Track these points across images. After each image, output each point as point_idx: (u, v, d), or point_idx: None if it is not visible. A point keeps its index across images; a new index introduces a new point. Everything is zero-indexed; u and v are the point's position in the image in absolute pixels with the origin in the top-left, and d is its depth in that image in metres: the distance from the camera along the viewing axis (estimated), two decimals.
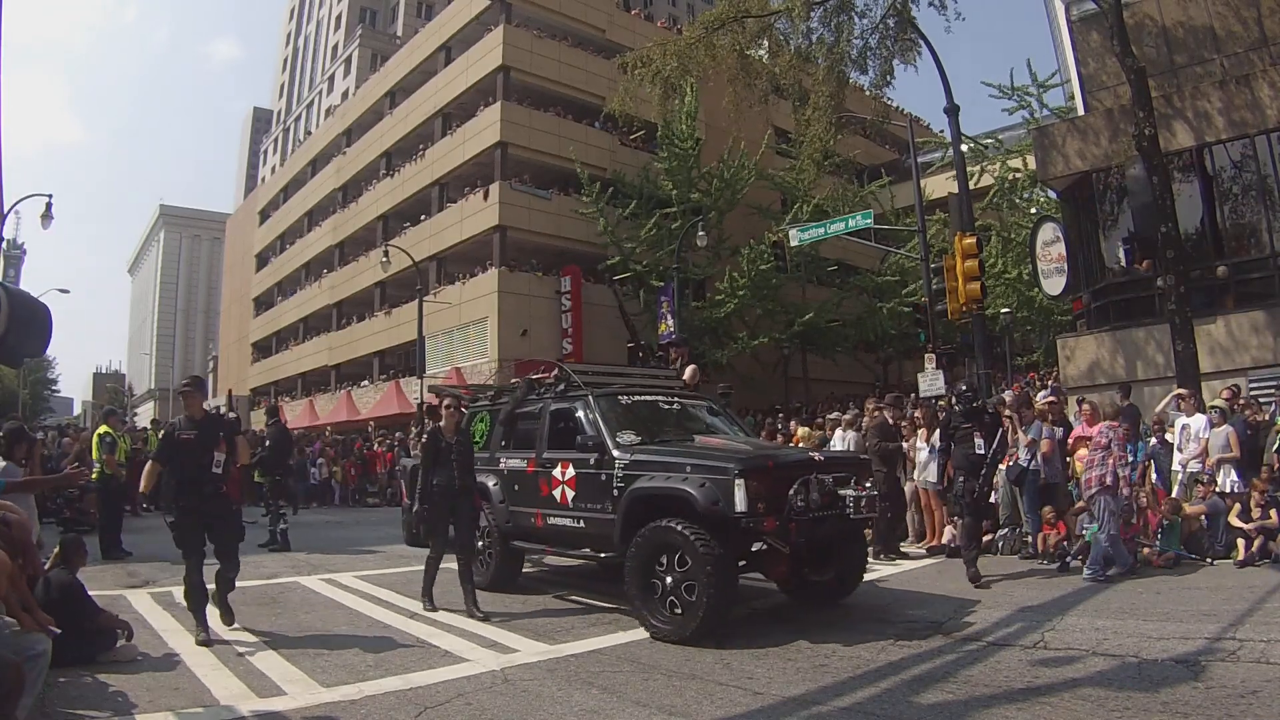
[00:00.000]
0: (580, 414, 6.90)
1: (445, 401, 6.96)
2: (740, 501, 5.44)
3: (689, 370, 9.98)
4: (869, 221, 19.31)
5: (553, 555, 7.62)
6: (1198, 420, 9.39)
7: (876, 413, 11.17)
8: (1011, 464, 9.21)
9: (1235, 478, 8.78)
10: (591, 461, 6.49)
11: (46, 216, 23.11)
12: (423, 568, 6.98)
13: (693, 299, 27.10)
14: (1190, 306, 11.91)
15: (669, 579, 5.65)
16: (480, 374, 28.47)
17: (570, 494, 6.74)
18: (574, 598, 7.47)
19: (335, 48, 59.05)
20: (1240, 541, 8.11)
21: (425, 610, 6.58)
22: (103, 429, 11.47)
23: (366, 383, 35.74)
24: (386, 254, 27.39)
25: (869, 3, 14.84)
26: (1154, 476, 9.55)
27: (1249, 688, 4.14)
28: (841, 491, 6.08)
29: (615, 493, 6.23)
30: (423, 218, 33.61)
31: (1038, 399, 11.06)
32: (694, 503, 5.57)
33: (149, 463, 6.08)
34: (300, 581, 8.17)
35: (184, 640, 5.67)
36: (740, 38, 15.00)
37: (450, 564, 6.93)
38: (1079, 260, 15.32)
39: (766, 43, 15.77)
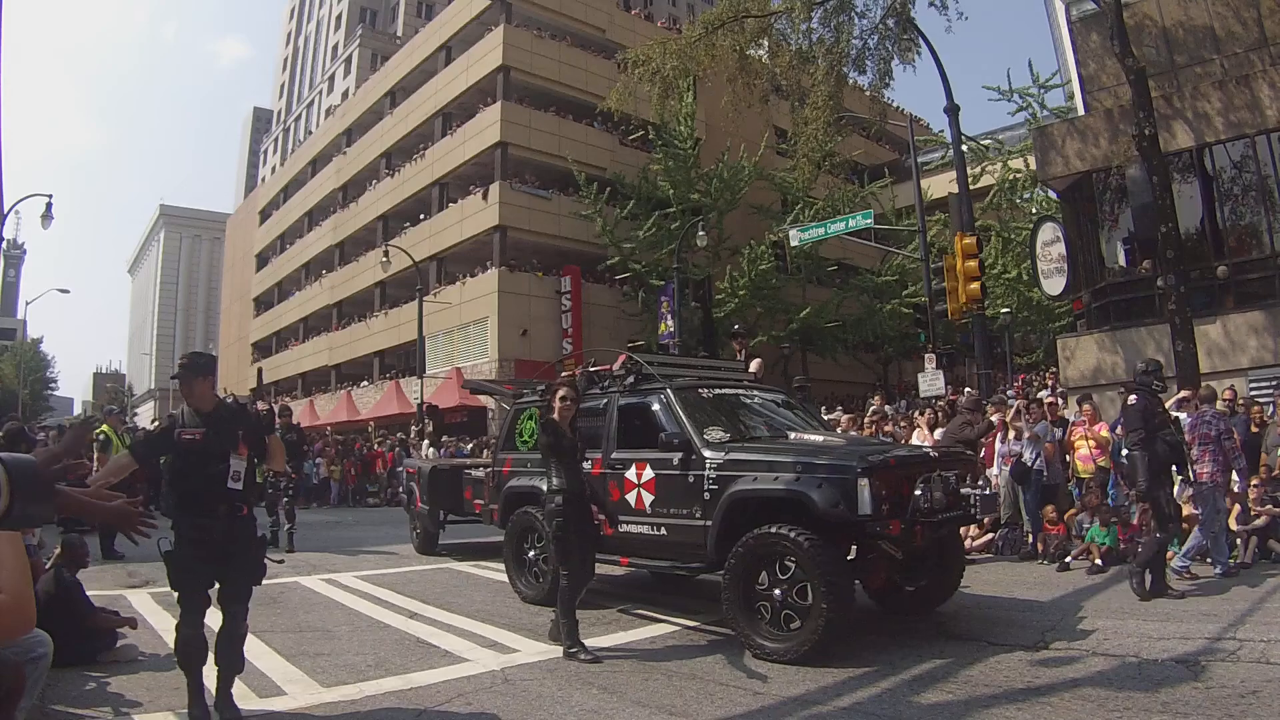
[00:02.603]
0: (658, 409, 6.22)
1: (561, 391, 5.85)
2: (865, 503, 4.91)
3: (755, 363, 9.51)
4: (869, 221, 19.33)
5: (627, 567, 6.72)
6: None
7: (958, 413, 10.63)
8: (1016, 463, 9.20)
9: (1235, 478, 8.77)
10: (675, 461, 5.85)
11: (46, 216, 23.10)
12: (423, 568, 6.92)
13: (693, 299, 27.11)
14: (1190, 306, 11.91)
15: (777, 592, 5.05)
16: (480, 374, 28.50)
17: (648, 498, 6.08)
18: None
19: (335, 48, 59.09)
20: (1240, 542, 8.12)
21: (581, 658, 5.09)
22: (101, 428, 11.47)
23: (366, 383, 35.75)
24: (386, 254, 27.40)
25: (868, 3, 14.90)
26: None
27: (1249, 688, 4.14)
28: (964, 490, 5.70)
29: (706, 496, 5.61)
30: (423, 218, 33.63)
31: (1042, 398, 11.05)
32: (812, 506, 5.02)
33: (123, 453, 4.51)
34: (300, 581, 8.16)
35: None
36: (740, 38, 15.00)
37: (457, 565, 6.90)
38: (1079, 260, 15.32)
39: (766, 43, 15.78)
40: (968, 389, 14.96)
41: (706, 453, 5.72)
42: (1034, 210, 24.91)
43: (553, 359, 27.86)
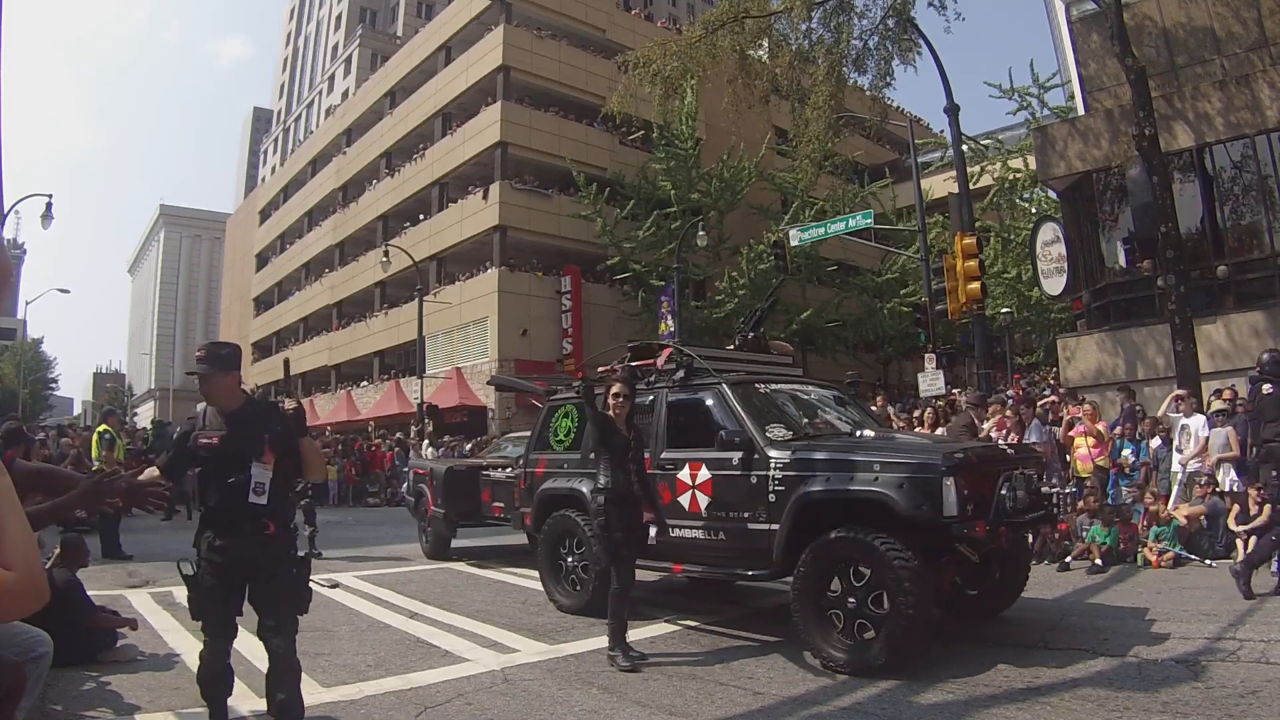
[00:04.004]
0: (714, 406, 5.85)
1: (615, 387, 5.47)
2: (951, 504, 4.60)
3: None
4: (869, 221, 19.34)
5: (681, 574, 6.28)
6: (1197, 420, 9.40)
7: (963, 411, 10.58)
8: None
9: (1235, 477, 8.79)
10: (735, 461, 5.48)
11: (46, 216, 23.10)
12: (423, 568, 6.89)
13: (693, 299, 27.11)
14: (1190, 306, 11.91)
15: (851, 600, 4.74)
16: (481, 374, 28.51)
17: (704, 500, 5.69)
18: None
19: (335, 48, 59.09)
20: (1240, 542, 8.11)
21: (620, 667, 4.91)
22: (101, 428, 11.50)
23: (366, 383, 35.77)
24: (386, 254, 27.41)
25: (868, 3, 14.86)
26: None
27: (1249, 688, 4.14)
28: (1046, 489, 5.47)
29: (772, 498, 5.25)
30: (422, 218, 33.64)
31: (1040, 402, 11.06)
32: (895, 507, 4.69)
33: (150, 469, 3.81)
34: None
35: (184, 640, 5.66)
36: (740, 38, 15.00)
37: (456, 565, 6.88)
38: (1079, 260, 15.33)
39: (766, 43, 15.78)
40: (969, 388, 14.96)
41: (771, 452, 5.35)
42: (1034, 210, 24.92)
43: (553, 359, 27.95)
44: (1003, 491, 4.91)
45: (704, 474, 5.72)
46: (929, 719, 4.01)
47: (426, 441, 19.65)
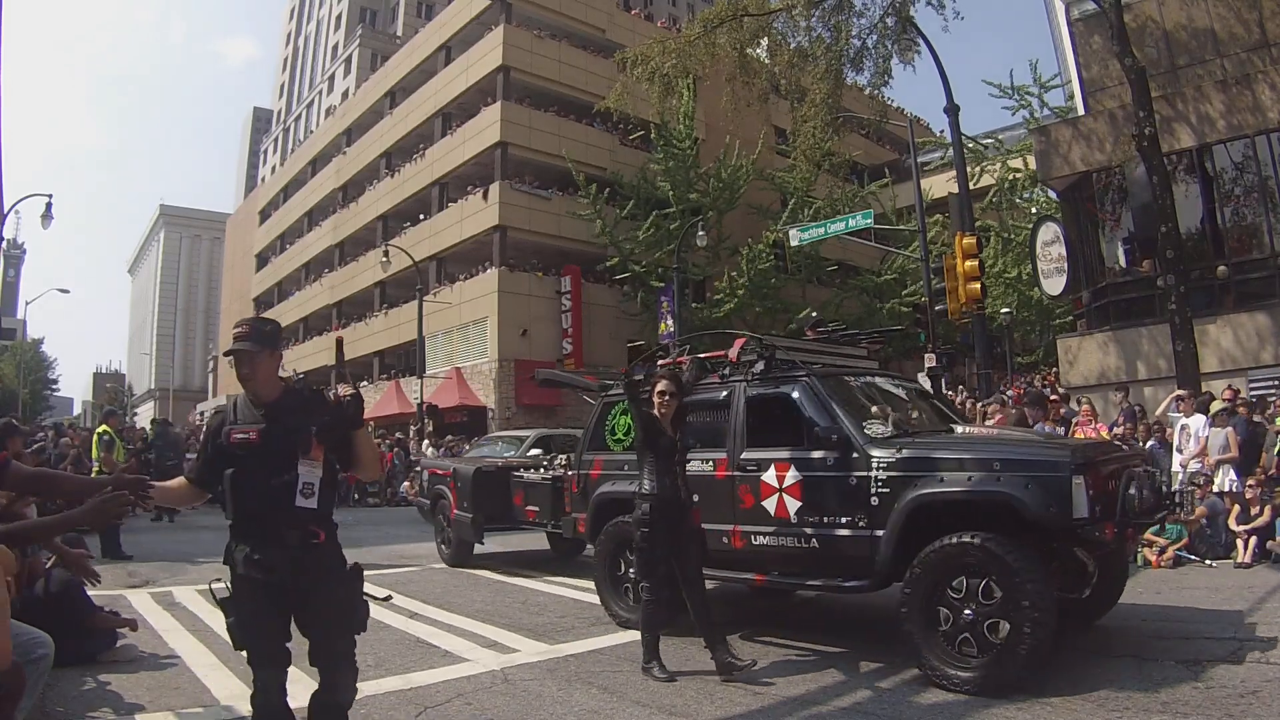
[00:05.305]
0: (801, 400, 5.35)
1: (660, 385, 5.12)
2: (1081, 504, 4.25)
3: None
4: (869, 221, 19.33)
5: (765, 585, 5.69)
6: (1197, 420, 9.40)
7: (1014, 408, 10.46)
8: None
9: (1234, 478, 8.80)
10: (830, 461, 5.04)
11: (46, 216, 23.09)
12: (421, 567, 6.86)
13: (693, 299, 27.12)
14: (1190, 306, 11.92)
15: (966, 611, 4.33)
16: (481, 374, 28.52)
17: (792, 505, 5.21)
18: (570, 595, 7.46)
19: (335, 48, 59.08)
20: (1239, 542, 8.13)
21: (657, 677, 4.69)
22: (102, 428, 11.49)
23: (366, 383, 35.74)
24: (386, 254, 27.41)
25: (867, 2, 14.88)
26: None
27: (1249, 688, 4.14)
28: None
29: (874, 501, 4.81)
30: (422, 218, 33.63)
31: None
32: (1022, 509, 4.30)
33: (179, 479, 3.32)
34: None
35: (184, 640, 5.67)
36: (739, 35, 15.02)
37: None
38: (1079, 260, 15.34)
39: (765, 42, 15.79)
40: (1001, 388, 14.86)
41: (872, 450, 4.90)
42: (1034, 210, 24.93)
43: (553, 359, 27.95)
44: (1130, 490, 4.57)
45: (793, 475, 5.23)
46: (929, 719, 4.01)
47: (426, 441, 19.64)
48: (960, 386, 15.76)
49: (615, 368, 24.01)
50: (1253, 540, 8.02)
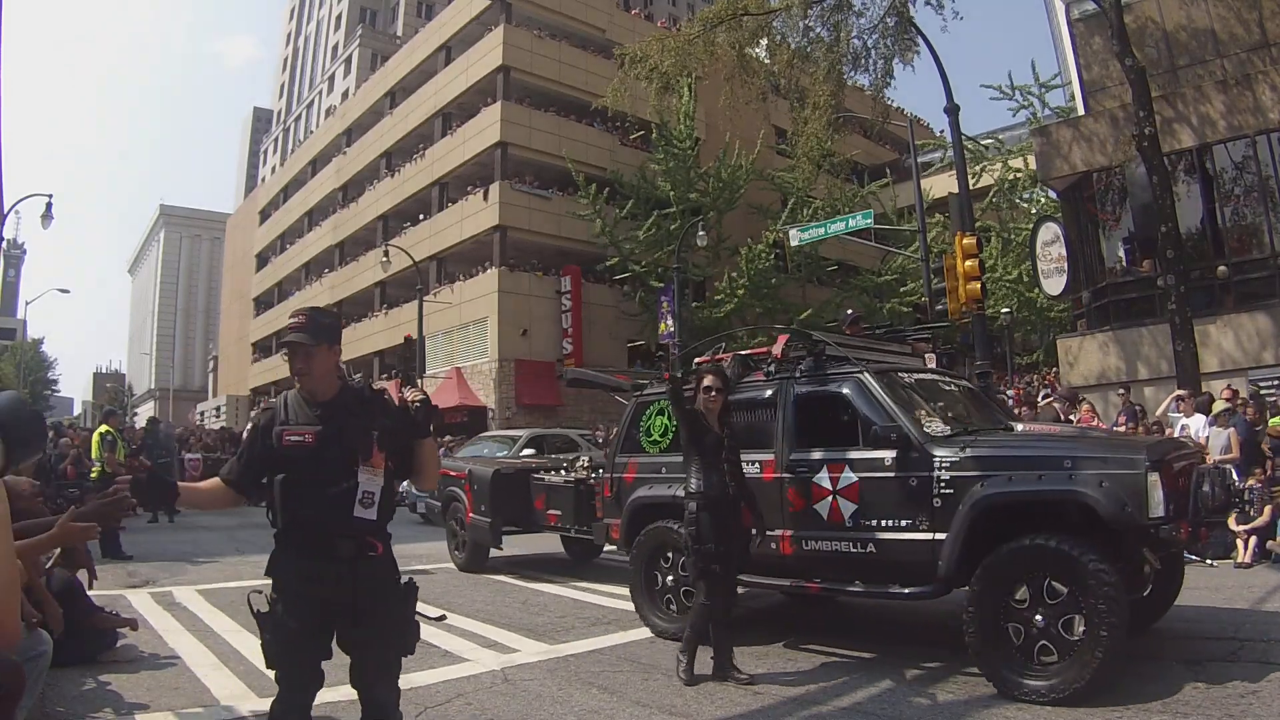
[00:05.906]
0: (855, 398, 5.11)
1: (706, 380, 4.98)
2: (1157, 503, 4.09)
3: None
4: (869, 221, 19.33)
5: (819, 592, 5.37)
6: (1197, 420, 9.40)
7: (1047, 405, 10.49)
8: None
9: (1235, 478, 8.78)
10: (888, 462, 4.80)
11: (46, 216, 23.08)
12: (422, 567, 6.83)
13: (693, 299, 27.11)
14: (1190, 306, 11.92)
15: (1038, 618, 4.15)
16: (481, 374, 28.52)
17: (848, 508, 4.98)
18: (570, 595, 7.46)
19: (335, 48, 59.08)
20: (1240, 542, 8.13)
21: (680, 677, 4.66)
22: (103, 428, 11.49)
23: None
24: (386, 254, 27.41)
25: (867, 1, 14.88)
26: None
27: (1249, 688, 4.14)
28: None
29: (937, 503, 4.58)
30: (422, 218, 33.63)
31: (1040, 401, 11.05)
32: (1097, 509, 4.10)
33: (213, 480, 2.96)
34: None
35: (184, 640, 5.66)
36: (738, 35, 15.01)
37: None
38: (1079, 260, 15.33)
39: (765, 41, 15.78)
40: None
41: (934, 450, 4.67)
42: (1034, 210, 24.92)
43: (553, 359, 27.96)
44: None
45: (848, 477, 5.00)
46: (929, 719, 4.01)
47: None
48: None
49: (614, 368, 24.02)
50: (1253, 540, 8.02)
